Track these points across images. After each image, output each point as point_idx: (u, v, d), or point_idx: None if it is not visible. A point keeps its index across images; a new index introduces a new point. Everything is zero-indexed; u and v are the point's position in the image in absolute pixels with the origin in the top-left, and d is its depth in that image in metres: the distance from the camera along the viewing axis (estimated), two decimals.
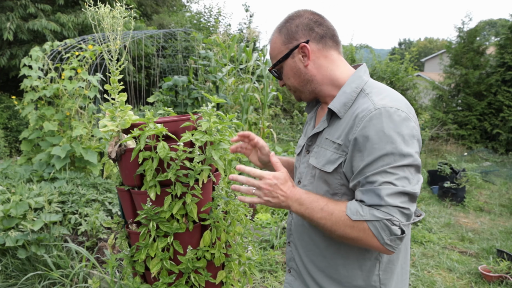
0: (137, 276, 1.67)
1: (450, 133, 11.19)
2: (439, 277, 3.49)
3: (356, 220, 1.02)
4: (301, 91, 1.26)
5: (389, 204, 0.99)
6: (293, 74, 1.23)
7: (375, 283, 1.15)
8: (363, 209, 1.02)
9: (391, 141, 1.01)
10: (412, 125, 1.06)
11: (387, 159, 1.01)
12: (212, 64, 6.97)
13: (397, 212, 0.99)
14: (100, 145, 1.93)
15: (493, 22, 27.19)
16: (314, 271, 1.23)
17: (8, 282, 2.91)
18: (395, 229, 0.99)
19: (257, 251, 3.55)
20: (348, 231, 1.03)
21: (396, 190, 0.99)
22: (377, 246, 1.02)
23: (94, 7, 1.56)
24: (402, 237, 1.00)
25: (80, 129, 4.39)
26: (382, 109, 1.05)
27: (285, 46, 1.22)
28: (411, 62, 12.29)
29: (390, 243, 1.00)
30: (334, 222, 1.05)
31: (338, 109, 1.16)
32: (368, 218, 1.00)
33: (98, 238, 3.42)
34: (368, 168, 1.03)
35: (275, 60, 1.25)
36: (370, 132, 1.04)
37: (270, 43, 1.26)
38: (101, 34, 3.67)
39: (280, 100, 10.46)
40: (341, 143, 1.12)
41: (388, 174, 1.01)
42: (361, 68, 1.23)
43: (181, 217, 1.59)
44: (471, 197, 6.23)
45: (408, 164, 1.02)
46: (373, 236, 1.01)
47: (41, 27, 9.00)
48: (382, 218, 0.99)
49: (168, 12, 16.26)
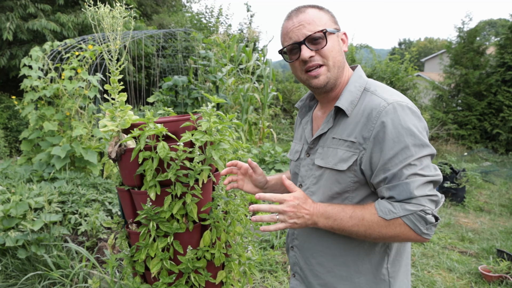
0: (137, 276, 1.67)
1: (450, 133, 11.19)
2: (439, 277, 3.49)
3: (391, 219, 1.04)
4: (334, 73, 1.19)
5: (419, 195, 1.02)
6: (338, 50, 1.20)
7: (384, 276, 1.17)
8: (395, 206, 1.05)
9: (410, 133, 1.05)
10: (422, 117, 1.11)
11: (409, 151, 1.04)
12: (212, 64, 6.97)
13: (427, 201, 1.03)
14: (100, 145, 1.92)
15: (493, 22, 27.19)
16: (322, 272, 1.23)
17: (8, 282, 2.91)
18: (430, 218, 1.02)
19: (257, 251, 3.55)
20: (384, 231, 1.06)
21: (423, 180, 1.03)
22: (415, 237, 1.05)
23: (94, 7, 1.56)
24: (437, 223, 1.04)
25: (80, 129, 4.39)
26: (395, 103, 1.09)
27: (333, 23, 1.20)
28: (411, 62, 12.31)
29: (427, 231, 1.04)
30: (367, 227, 1.07)
31: (346, 107, 1.16)
32: (402, 214, 1.03)
33: (98, 238, 3.42)
34: (391, 162, 1.05)
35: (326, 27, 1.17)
36: (388, 126, 1.06)
37: (309, 12, 1.18)
38: (101, 34, 3.67)
39: (280, 100, 10.46)
40: (354, 141, 1.13)
41: (413, 166, 1.04)
42: (359, 69, 1.26)
43: (181, 217, 1.59)
44: (471, 197, 6.23)
45: (427, 154, 1.06)
46: (410, 229, 1.04)
47: (41, 27, 9.01)
48: (415, 210, 1.02)
49: (168, 12, 16.27)
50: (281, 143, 9.70)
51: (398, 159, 1.04)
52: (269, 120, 9.14)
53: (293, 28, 1.18)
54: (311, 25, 1.16)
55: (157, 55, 8.88)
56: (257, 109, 8.90)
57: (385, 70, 11.86)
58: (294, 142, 1.42)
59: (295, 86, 14.43)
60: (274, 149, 7.01)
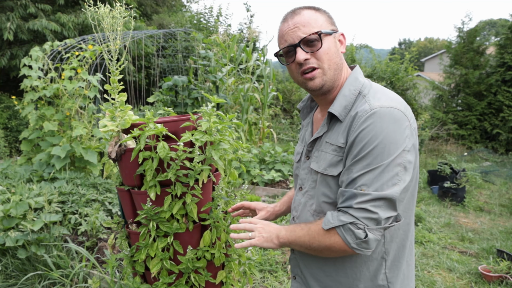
0: (137, 276, 1.67)
1: (450, 133, 11.19)
2: (439, 277, 3.49)
3: (328, 229, 1.06)
4: (330, 75, 1.18)
5: (357, 207, 1.01)
6: (334, 52, 1.17)
7: (383, 282, 1.17)
8: (333, 217, 1.06)
9: (381, 139, 1.02)
10: (406, 124, 1.05)
11: (375, 157, 1.02)
12: (212, 64, 6.97)
13: (363, 216, 1.00)
14: (100, 145, 1.92)
15: (493, 22, 27.20)
16: (322, 276, 1.24)
17: (8, 282, 2.91)
18: (359, 233, 1.00)
19: (257, 251, 3.55)
20: (322, 240, 1.07)
21: (371, 196, 1.00)
22: (348, 250, 1.04)
23: (94, 7, 1.56)
24: (366, 240, 1.01)
25: (80, 129, 4.39)
26: (377, 109, 1.06)
27: (329, 24, 1.18)
28: (411, 62, 12.30)
29: (357, 247, 1.02)
30: (311, 236, 1.10)
31: (339, 112, 1.15)
32: (336, 224, 1.04)
33: (98, 238, 3.42)
34: (354, 166, 1.05)
35: (320, 28, 1.15)
36: (363, 131, 1.04)
37: (305, 14, 1.17)
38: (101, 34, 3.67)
39: (280, 100, 10.47)
40: (342, 146, 1.12)
41: (369, 177, 1.02)
42: (356, 70, 1.23)
43: (181, 217, 1.59)
44: (471, 197, 6.23)
45: (396, 163, 1.02)
46: (342, 241, 1.04)
47: (41, 27, 9.01)
48: (346, 222, 1.02)
49: (168, 12, 16.27)
50: (281, 143, 9.70)
51: (361, 165, 1.03)
52: (269, 120, 9.14)
53: (288, 31, 1.17)
54: (306, 27, 1.14)
55: (157, 55, 8.88)
56: (257, 109, 8.90)
57: (385, 70, 11.86)
58: (298, 143, 1.43)
59: (295, 86, 14.43)
60: (274, 149, 7.01)
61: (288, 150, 7.53)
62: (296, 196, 1.33)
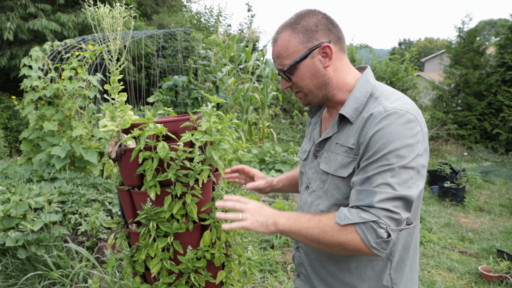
0: (137, 276, 1.67)
1: (450, 133, 11.19)
2: (439, 277, 3.49)
3: (344, 225, 1.02)
4: (315, 94, 1.20)
5: (379, 207, 0.99)
6: (311, 76, 1.17)
7: (387, 283, 1.16)
8: (351, 213, 1.03)
9: (397, 141, 1.02)
10: (418, 128, 1.05)
11: (391, 159, 1.01)
12: (212, 64, 6.98)
13: (386, 215, 0.99)
14: (100, 145, 1.93)
15: (493, 22, 27.20)
16: (326, 275, 1.23)
17: (8, 282, 2.91)
18: (381, 232, 0.98)
19: (257, 251, 3.55)
20: (337, 236, 1.03)
21: (391, 195, 0.99)
22: (365, 249, 1.01)
23: (94, 7, 1.56)
24: (388, 240, 0.99)
25: (80, 129, 4.39)
26: (392, 111, 1.05)
27: (304, 45, 1.14)
28: (411, 62, 12.30)
29: (376, 246, 1.00)
30: (322, 229, 1.05)
31: (350, 114, 1.15)
32: (356, 221, 1.00)
33: (98, 238, 3.42)
34: (370, 166, 1.04)
35: (290, 59, 1.15)
36: (378, 133, 1.04)
37: (279, 41, 1.17)
38: (101, 34, 3.67)
39: (280, 100, 10.47)
40: (353, 147, 1.12)
41: (387, 176, 1.00)
42: (367, 72, 1.22)
43: (181, 217, 1.59)
44: (471, 197, 6.23)
45: (410, 166, 1.01)
46: (360, 240, 1.00)
47: (41, 27, 9.00)
48: (368, 220, 0.99)
49: (168, 12, 16.27)
50: (281, 143, 9.70)
51: (377, 164, 1.02)
52: (269, 120, 9.14)
53: (273, 58, 1.22)
54: (279, 58, 1.18)
55: (157, 55, 8.88)
56: (257, 109, 8.90)
57: (385, 70, 11.86)
58: (305, 140, 1.42)
59: None
60: (274, 149, 7.01)
61: (288, 150, 7.52)
62: (302, 195, 1.32)
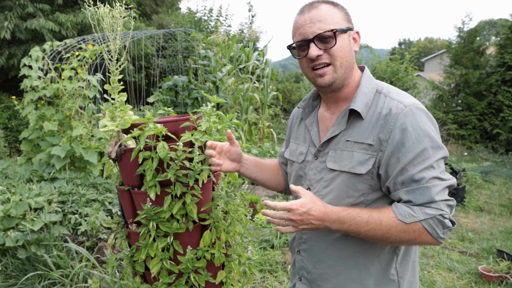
0: (137, 276, 1.67)
1: (450, 133, 11.20)
2: (439, 277, 3.49)
3: (410, 223, 1.04)
4: (342, 73, 1.17)
5: (439, 200, 1.04)
6: (349, 49, 1.16)
7: (393, 277, 1.17)
8: (414, 210, 1.05)
9: (427, 135, 1.06)
10: (434, 120, 1.13)
11: (427, 153, 1.05)
12: (212, 64, 6.97)
13: (445, 206, 1.04)
14: (100, 145, 1.92)
15: (493, 22, 27.20)
16: (333, 275, 1.22)
17: (8, 282, 2.91)
18: (447, 222, 1.04)
19: (257, 251, 3.55)
20: (402, 235, 1.06)
21: (443, 185, 1.04)
22: (431, 240, 1.06)
23: (93, 7, 1.56)
24: (452, 228, 1.05)
25: (80, 129, 4.38)
26: (412, 106, 1.09)
27: (346, 22, 1.16)
28: (411, 62, 12.31)
29: (443, 236, 1.05)
30: (385, 231, 1.06)
31: (362, 109, 1.15)
32: (422, 218, 1.04)
33: (98, 238, 3.42)
34: (410, 164, 1.06)
35: (335, 26, 1.13)
36: (407, 128, 1.06)
37: (322, 9, 1.15)
38: (101, 34, 3.67)
39: (280, 100, 10.47)
40: (372, 143, 1.11)
41: (432, 170, 1.05)
42: (368, 70, 1.25)
43: (181, 217, 1.59)
44: (471, 197, 6.22)
45: (444, 156, 1.08)
46: (427, 233, 1.04)
47: (39, 27, 9.00)
48: (435, 214, 1.03)
49: (167, 12, 16.27)
50: (281, 143, 9.70)
51: (417, 161, 1.05)
52: (269, 120, 9.14)
53: (304, 25, 1.15)
54: (322, 22, 1.13)
55: (157, 55, 8.88)
56: (257, 109, 8.90)
57: (385, 70, 11.87)
58: (296, 143, 1.38)
59: (295, 86, 14.43)
60: (274, 149, 7.01)
61: None
62: None
